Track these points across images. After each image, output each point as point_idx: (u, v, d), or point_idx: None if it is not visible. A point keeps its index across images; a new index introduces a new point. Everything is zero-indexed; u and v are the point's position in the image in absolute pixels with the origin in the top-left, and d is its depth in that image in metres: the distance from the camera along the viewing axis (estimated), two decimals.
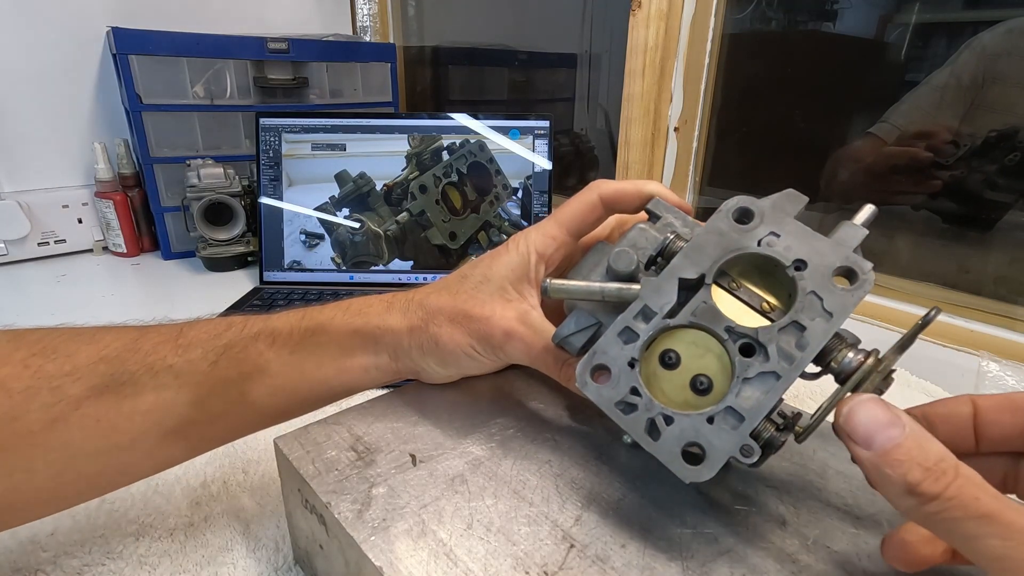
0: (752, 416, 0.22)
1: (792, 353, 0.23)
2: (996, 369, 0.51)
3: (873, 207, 0.26)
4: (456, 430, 0.32)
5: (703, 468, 0.22)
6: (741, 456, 0.22)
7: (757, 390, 0.23)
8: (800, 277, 0.24)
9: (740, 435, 0.22)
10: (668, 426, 0.23)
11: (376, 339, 0.32)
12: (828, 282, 0.23)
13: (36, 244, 0.91)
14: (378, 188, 0.77)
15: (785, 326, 0.23)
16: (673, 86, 0.73)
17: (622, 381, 0.24)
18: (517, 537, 0.25)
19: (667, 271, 0.25)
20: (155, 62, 0.82)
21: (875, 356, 0.23)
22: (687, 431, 0.23)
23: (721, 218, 0.26)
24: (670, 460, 0.23)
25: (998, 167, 0.60)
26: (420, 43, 1.24)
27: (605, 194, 0.31)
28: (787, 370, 0.23)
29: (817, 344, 0.23)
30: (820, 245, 0.24)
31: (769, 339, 0.23)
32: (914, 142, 0.65)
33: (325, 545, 0.28)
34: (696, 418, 0.23)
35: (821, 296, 0.23)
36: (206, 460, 0.43)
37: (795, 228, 0.25)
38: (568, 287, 0.28)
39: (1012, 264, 0.60)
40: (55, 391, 0.27)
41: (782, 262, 0.24)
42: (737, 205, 0.26)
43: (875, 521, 0.26)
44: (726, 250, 0.25)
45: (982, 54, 0.60)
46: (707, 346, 0.24)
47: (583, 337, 0.28)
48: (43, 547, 0.35)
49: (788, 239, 0.25)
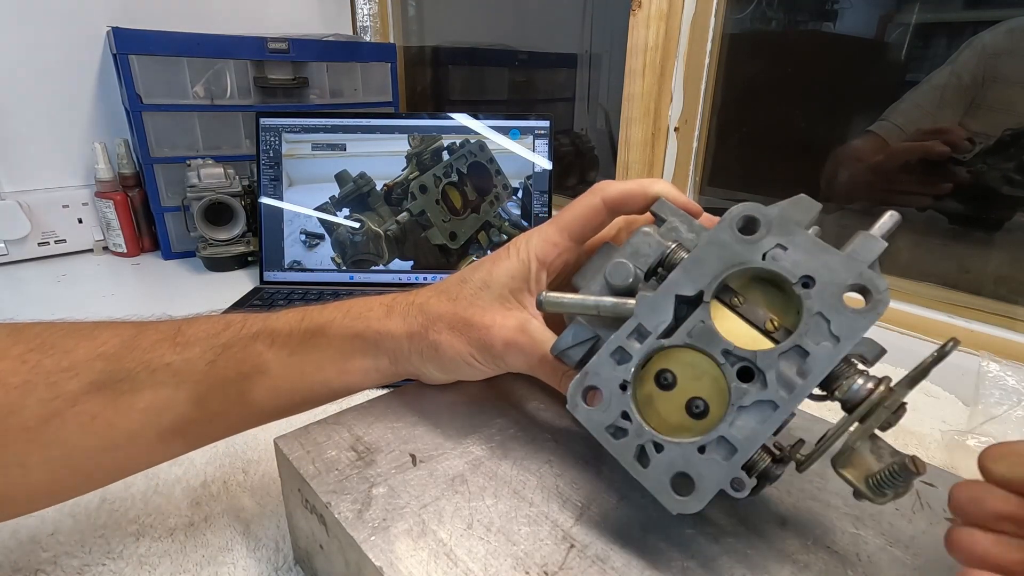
0: (745, 448, 0.22)
1: (792, 381, 0.21)
2: (996, 369, 0.51)
3: (896, 215, 0.24)
4: (456, 430, 0.32)
5: (691, 500, 0.22)
6: (731, 489, 0.22)
7: (752, 419, 0.22)
8: (807, 296, 0.22)
9: (732, 467, 0.22)
10: (658, 454, 0.23)
11: (376, 344, 0.32)
12: (838, 302, 0.22)
13: (36, 244, 0.91)
14: (378, 188, 0.77)
15: (786, 351, 0.22)
16: (673, 86, 0.73)
17: (613, 404, 0.24)
18: (517, 537, 0.25)
19: (664, 287, 0.24)
20: (155, 62, 0.82)
21: (886, 385, 0.21)
22: (677, 461, 0.22)
23: (724, 228, 0.24)
24: (658, 490, 0.22)
25: (1016, 164, 0.60)
26: (420, 43, 1.24)
27: (609, 197, 0.30)
28: (785, 400, 0.21)
29: (821, 372, 0.21)
30: (831, 260, 0.22)
31: (768, 365, 0.22)
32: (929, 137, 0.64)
33: (325, 545, 0.28)
34: (687, 447, 0.22)
35: (829, 318, 0.22)
36: (206, 460, 0.43)
37: (804, 240, 0.23)
38: (563, 301, 0.27)
39: (1013, 264, 0.60)
40: (52, 387, 0.26)
41: (788, 279, 0.22)
42: (742, 214, 0.24)
43: (875, 521, 0.26)
44: (728, 265, 0.23)
45: (983, 53, 0.60)
46: (704, 368, 0.23)
47: (581, 351, 0.27)
48: (43, 547, 0.35)
49: (796, 252, 0.23)
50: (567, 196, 0.98)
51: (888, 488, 0.21)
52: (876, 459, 0.22)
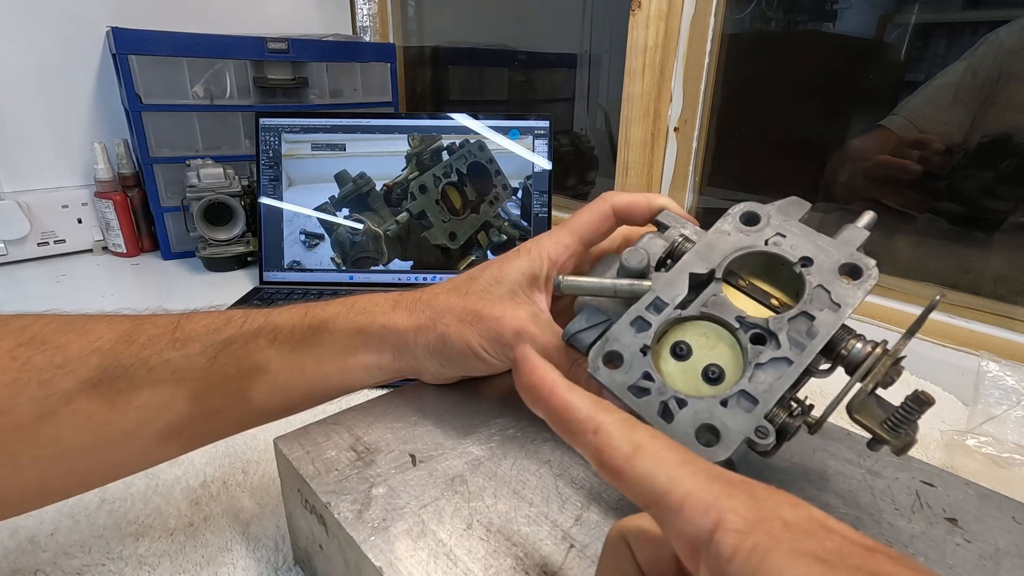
0: (766, 399, 0.23)
1: (803, 341, 0.24)
2: (996, 369, 0.51)
3: (873, 213, 0.27)
4: (456, 430, 0.32)
5: (718, 448, 0.22)
6: (756, 438, 0.22)
7: (770, 375, 0.23)
8: (807, 272, 0.25)
9: (754, 417, 0.23)
10: (681, 409, 0.23)
11: (380, 338, 0.32)
12: (834, 277, 0.24)
13: (36, 244, 0.91)
14: (378, 188, 0.77)
15: (794, 316, 0.24)
16: (673, 86, 0.73)
17: (635, 366, 0.25)
18: (517, 537, 0.25)
19: (678, 267, 0.26)
20: (155, 62, 0.82)
21: (883, 345, 0.23)
22: (701, 413, 0.23)
23: (728, 221, 0.27)
24: (685, 442, 0.23)
25: (994, 174, 0.60)
26: (420, 43, 1.24)
27: (617, 205, 0.31)
28: (799, 356, 0.23)
29: (827, 332, 0.23)
30: (825, 244, 0.25)
31: (779, 328, 0.24)
32: (908, 152, 0.64)
33: (325, 545, 0.28)
34: (710, 401, 0.23)
35: (828, 289, 0.24)
36: (206, 460, 0.43)
37: (800, 229, 0.26)
38: (580, 282, 0.28)
39: (1012, 264, 0.60)
40: (45, 385, 0.26)
41: (789, 259, 0.25)
42: (744, 209, 0.27)
43: (875, 521, 0.26)
44: (735, 248, 0.26)
45: (999, 50, 0.59)
46: (718, 336, 0.25)
47: (593, 333, 0.28)
48: (43, 547, 0.35)
49: (793, 239, 0.26)
50: (567, 196, 0.98)
51: (903, 425, 0.22)
52: (883, 410, 0.23)
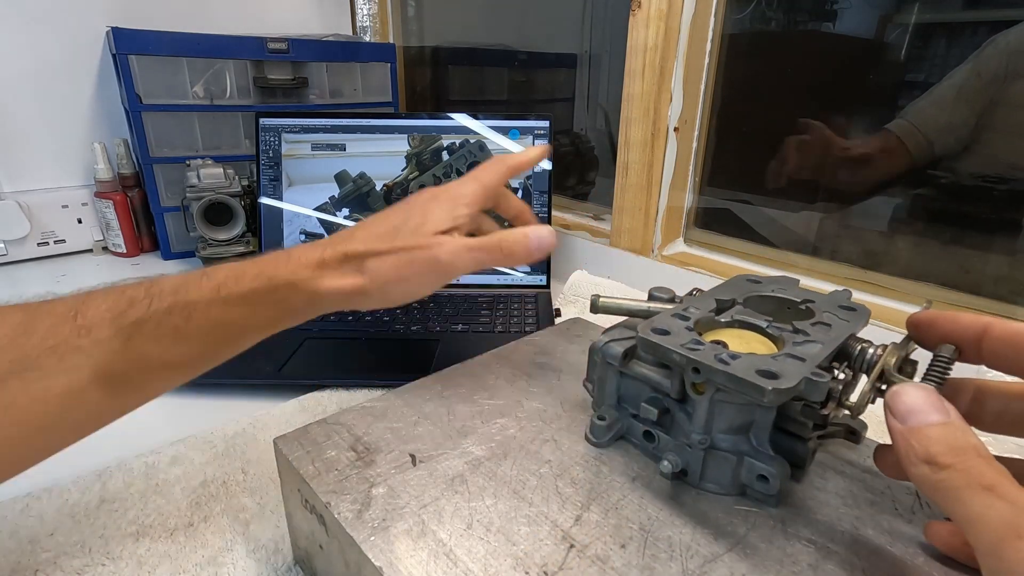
0: (811, 359, 0.24)
1: (827, 334, 0.27)
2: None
3: None
4: (456, 430, 0.32)
5: (781, 380, 0.23)
6: (815, 378, 0.23)
7: (809, 349, 0.26)
8: (814, 307, 0.30)
9: (807, 366, 0.24)
10: (735, 360, 0.24)
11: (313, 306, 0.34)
12: (836, 310, 0.29)
13: (36, 244, 0.91)
14: (378, 188, 0.77)
15: (815, 323, 0.28)
16: (673, 86, 0.73)
17: (682, 336, 0.27)
18: (517, 537, 0.25)
19: (705, 293, 0.32)
20: (155, 62, 0.82)
21: (892, 345, 0.27)
22: (757, 362, 0.24)
23: (740, 278, 0.34)
24: (747, 374, 0.23)
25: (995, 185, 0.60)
26: (420, 43, 1.24)
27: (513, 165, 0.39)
28: (828, 340, 0.26)
29: (844, 334, 0.27)
30: (819, 296, 0.31)
31: (806, 328, 0.28)
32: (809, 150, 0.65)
33: (325, 545, 0.28)
34: (762, 356, 0.25)
35: (835, 313, 0.29)
36: (206, 460, 0.43)
37: (796, 285, 0.33)
38: (617, 301, 0.33)
39: (1012, 264, 0.60)
40: None
41: (794, 300, 0.31)
42: (744, 276, 0.34)
43: (875, 521, 0.26)
44: (748, 290, 0.32)
45: (1006, 50, 0.59)
46: (751, 337, 0.28)
47: (624, 344, 0.30)
48: (43, 547, 0.35)
49: (792, 292, 0.32)
50: (567, 196, 0.98)
51: (946, 373, 0.25)
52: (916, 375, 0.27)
